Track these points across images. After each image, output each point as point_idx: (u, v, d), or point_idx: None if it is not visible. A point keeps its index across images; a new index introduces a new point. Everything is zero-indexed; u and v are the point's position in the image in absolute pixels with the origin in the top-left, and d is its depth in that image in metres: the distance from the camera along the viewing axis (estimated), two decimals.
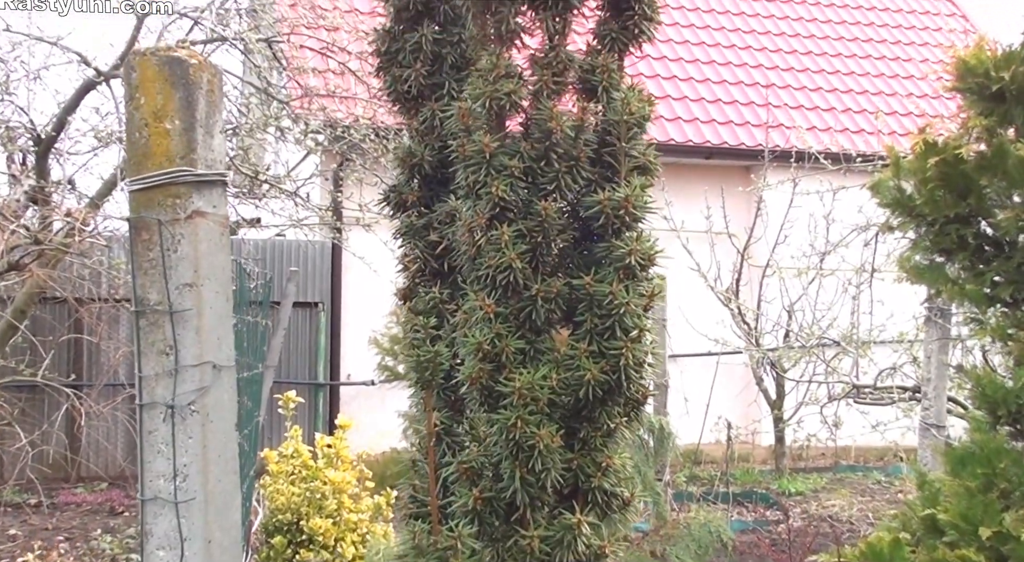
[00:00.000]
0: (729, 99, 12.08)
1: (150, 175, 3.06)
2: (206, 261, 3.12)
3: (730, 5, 13.34)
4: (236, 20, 8.59)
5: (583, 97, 3.26)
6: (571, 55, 3.24)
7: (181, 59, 3.04)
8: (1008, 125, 5.04)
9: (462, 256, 3.25)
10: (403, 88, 3.46)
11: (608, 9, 3.30)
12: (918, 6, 14.16)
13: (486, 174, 3.13)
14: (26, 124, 8.00)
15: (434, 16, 3.47)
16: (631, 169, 3.23)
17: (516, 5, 3.17)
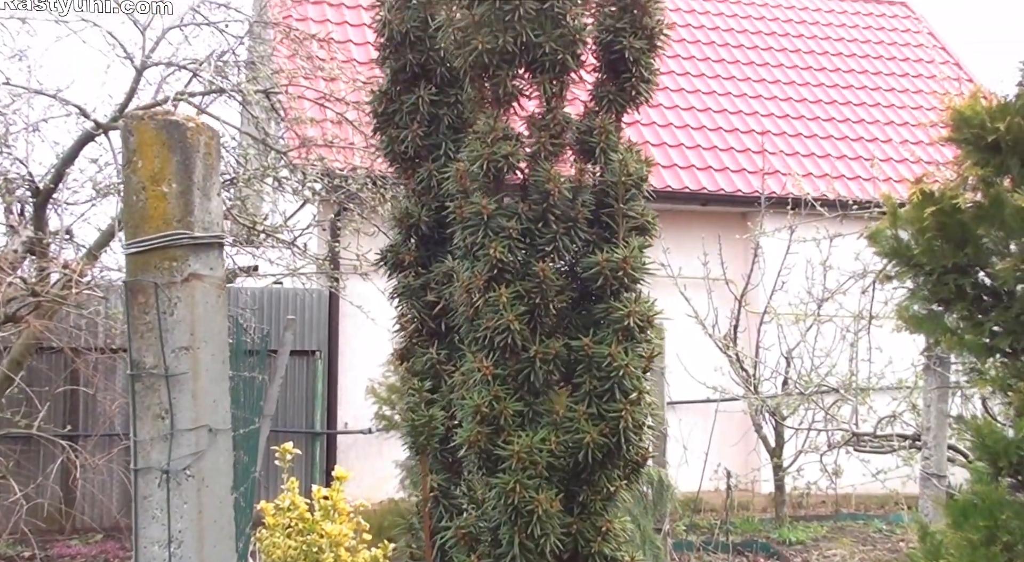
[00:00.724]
0: (725, 146, 12.13)
1: (147, 238, 3.05)
2: (202, 324, 3.11)
3: (725, 54, 13.44)
4: (234, 72, 8.62)
5: (581, 158, 3.27)
6: (568, 117, 3.26)
7: (179, 123, 3.05)
8: (1004, 175, 5.05)
9: (460, 317, 3.24)
10: (400, 148, 3.48)
11: (605, 72, 3.32)
12: (911, 54, 14.27)
13: (484, 235, 3.13)
14: (24, 175, 8.01)
15: (431, 77, 3.49)
16: (629, 229, 3.24)
17: (513, 69, 3.19)
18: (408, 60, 3.41)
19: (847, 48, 14.21)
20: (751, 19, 14.24)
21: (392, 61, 3.45)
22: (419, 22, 3.40)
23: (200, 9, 8.41)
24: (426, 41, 3.41)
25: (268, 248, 9.01)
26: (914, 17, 15.07)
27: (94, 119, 7.76)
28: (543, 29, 3.13)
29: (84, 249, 8.43)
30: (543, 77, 3.19)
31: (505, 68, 3.18)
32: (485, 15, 3.10)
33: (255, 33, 8.97)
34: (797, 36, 14.18)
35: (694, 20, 13.86)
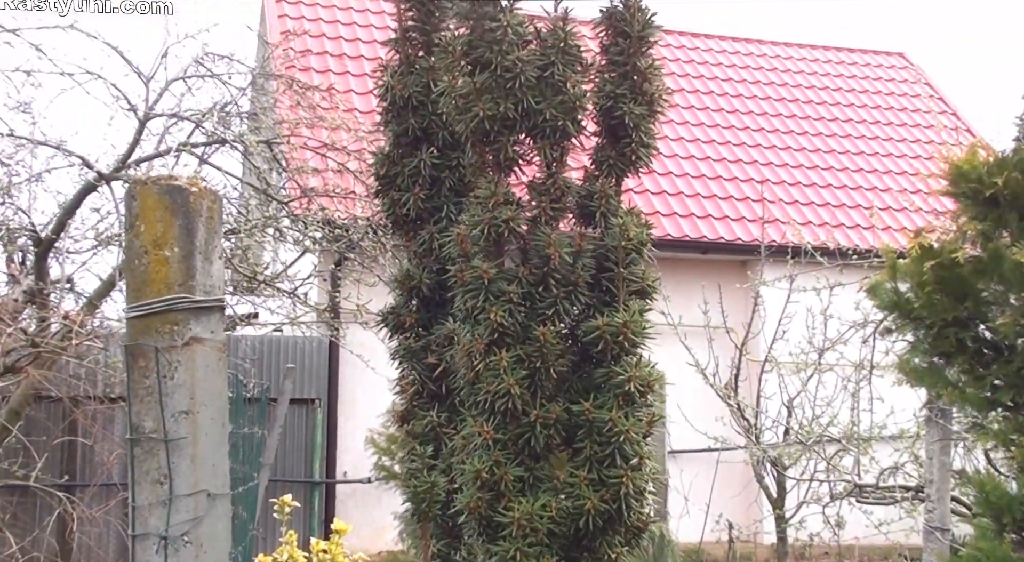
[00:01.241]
0: (725, 194, 12.18)
1: (148, 302, 3.06)
2: (203, 388, 3.10)
3: (724, 103, 13.54)
4: (237, 122, 8.67)
5: (581, 222, 3.29)
6: (569, 182, 3.28)
7: (182, 188, 3.07)
8: (1003, 229, 5.07)
9: (460, 380, 3.24)
10: (401, 211, 3.49)
11: (605, 136, 3.34)
12: (909, 104, 14.37)
13: (484, 299, 3.13)
14: (26, 225, 8.03)
15: (433, 141, 3.51)
16: (630, 293, 3.25)
17: (514, 134, 3.22)
18: (411, 124, 3.44)
19: (845, 98, 14.31)
20: (749, 69, 14.36)
21: (395, 125, 3.48)
22: (421, 87, 3.44)
23: (203, 61, 8.47)
24: (428, 106, 3.44)
25: (268, 297, 9.01)
26: (911, 67, 15.20)
27: (97, 170, 7.79)
28: (544, 96, 3.16)
29: (85, 298, 8.43)
30: (544, 143, 3.22)
31: (506, 134, 3.20)
32: (486, 82, 3.13)
33: (258, 84, 9.04)
34: (796, 86, 14.29)
35: (693, 70, 13.97)
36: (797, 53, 15.00)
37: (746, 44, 14.87)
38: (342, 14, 12.68)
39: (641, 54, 3.26)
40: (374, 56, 12.14)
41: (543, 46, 3.18)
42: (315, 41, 11.68)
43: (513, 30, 3.13)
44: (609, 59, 3.30)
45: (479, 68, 3.17)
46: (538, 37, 3.22)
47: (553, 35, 3.17)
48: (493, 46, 3.13)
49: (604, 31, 3.34)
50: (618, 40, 3.29)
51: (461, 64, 3.20)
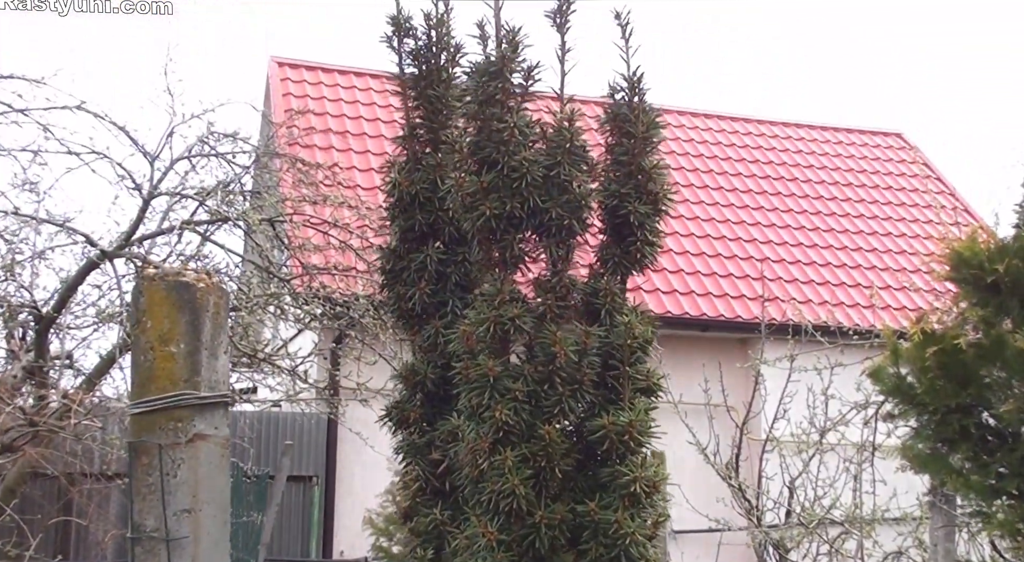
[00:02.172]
0: (724, 272, 12.22)
1: (153, 399, 3.05)
2: (205, 485, 3.08)
3: (723, 182, 13.66)
4: (240, 200, 8.73)
5: (587, 320, 3.30)
6: (574, 280, 3.29)
7: (189, 284, 3.08)
8: (1004, 316, 5.06)
9: (464, 478, 3.21)
10: (407, 306, 3.50)
11: (611, 234, 3.37)
12: (907, 184, 14.50)
13: (490, 397, 3.13)
14: (28, 302, 8.04)
15: (439, 236, 3.53)
16: (635, 391, 3.24)
17: (520, 233, 3.24)
18: (417, 220, 3.47)
19: (844, 177, 14.44)
20: (748, 148, 14.51)
21: (401, 220, 3.51)
22: (428, 184, 3.47)
23: (208, 139, 8.55)
24: (435, 202, 3.47)
25: (268, 375, 8.99)
26: (909, 147, 15.37)
27: (100, 248, 7.83)
28: (550, 195, 3.19)
29: (84, 374, 8.41)
30: (549, 241, 3.24)
31: (512, 232, 3.23)
32: (493, 182, 3.16)
33: (262, 163, 9.12)
34: (794, 165, 14.43)
35: (692, 148, 14.12)
36: (796, 132, 15.17)
37: (744, 124, 15.04)
38: (345, 92, 12.84)
39: (646, 154, 3.30)
40: (376, 133, 12.27)
41: (549, 146, 3.22)
42: (318, 118, 11.81)
43: (520, 131, 3.17)
44: (614, 158, 3.34)
45: (486, 167, 3.20)
46: (544, 137, 3.26)
47: (559, 135, 3.21)
48: (500, 146, 3.17)
49: (609, 131, 3.38)
50: (623, 140, 3.33)
51: (468, 163, 3.24)
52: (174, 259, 8.56)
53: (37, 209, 7.91)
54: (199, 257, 8.49)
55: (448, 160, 3.40)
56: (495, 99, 3.19)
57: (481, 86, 3.21)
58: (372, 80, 12.84)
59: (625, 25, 3.38)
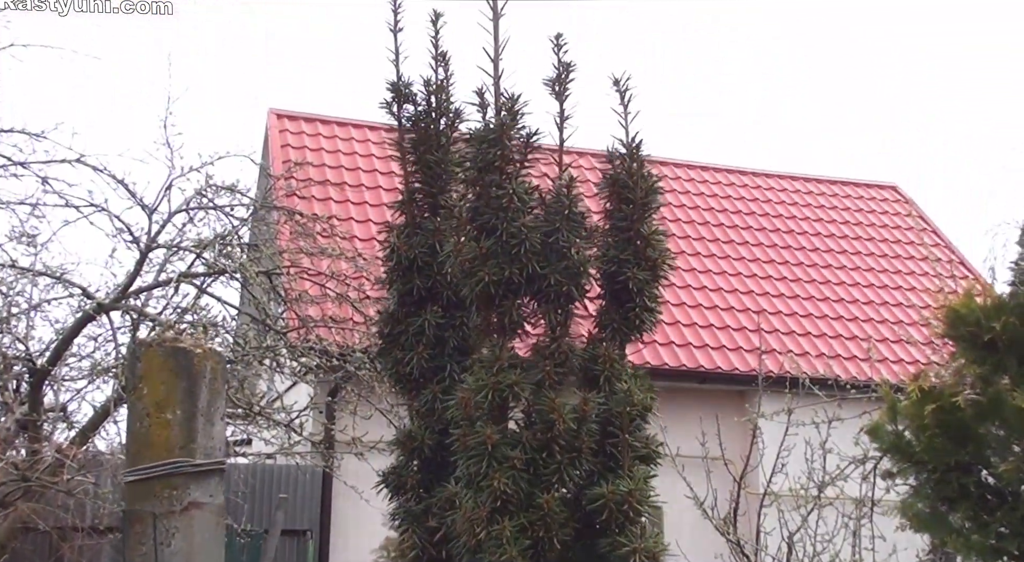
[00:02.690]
0: (722, 324, 12.21)
1: (148, 467, 3.02)
2: (200, 554, 3.05)
3: (719, 234, 13.70)
4: (237, 252, 8.73)
5: (585, 386, 3.28)
6: (573, 346, 3.28)
7: (186, 350, 3.06)
8: (1002, 374, 5.03)
9: (462, 547, 3.18)
10: (405, 370, 3.49)
11: (609, 300, 3.36)
12: (902, 236, 14.54)
13: (488, 465, 3.10)
14: (23, 354, 8.01)
15: (437, 300, 3.53)
16: (634, 458, 3.22)
17: (519, 298, 3.23)
18: (415, 284, 3.46)
19: (839, 230, 14.48)
20: (744, 200, 14.56)
21: (400, 284, 3.50)
22: (427, 248, 3.47)
23: (206, 192, 8.57)
24: (433, 266, 3.47)
25: (263, 428, 8.93)
26: (904, 200, 15.43)
27: (97, 301, 7.81)
28: (548, 261, 3.19)
29: (78, 427, 8.35)
30: (548, 307, 3.24)
31: (511, 298, 3.22)
32: (492, 248, 3.16)
33: (259, 215, 9.13)
34: (790, 217, 14.47)
35: (688, 201, 14.17)
36: (791, 185, 15.23)
37: (740, 175, 15.10)
38: (343, 144, 12.90)
39: (644, 219, 3.31)
40: (374, 185, 12.31)
41: (548, 212, 3.23)
42: (316, 170, 11.85)
43: (518, 197, 3.18)
44: (613, 224, 3.34)
45: (485, 233, 3.21)
46: (543, 203, 3.27)
47: (557, 202, 3.22)
48: (499, 212, 3.18)
49: (608, 196, 3.39)
50: (622, 206, 3.34)
51: (467, 228, 3.24)
52: (170, 311, 8.55)
53: (34, 261, 7.91)
54: (195, 310, 8.47)
55: (447, 225, 3.40)
56: (494, 166, 3.20)
57: (480, 153, 3.22)
58: (370, 132, 12.90)
59: (624, 91, 3.40)
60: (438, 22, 3.54)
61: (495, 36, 3.27)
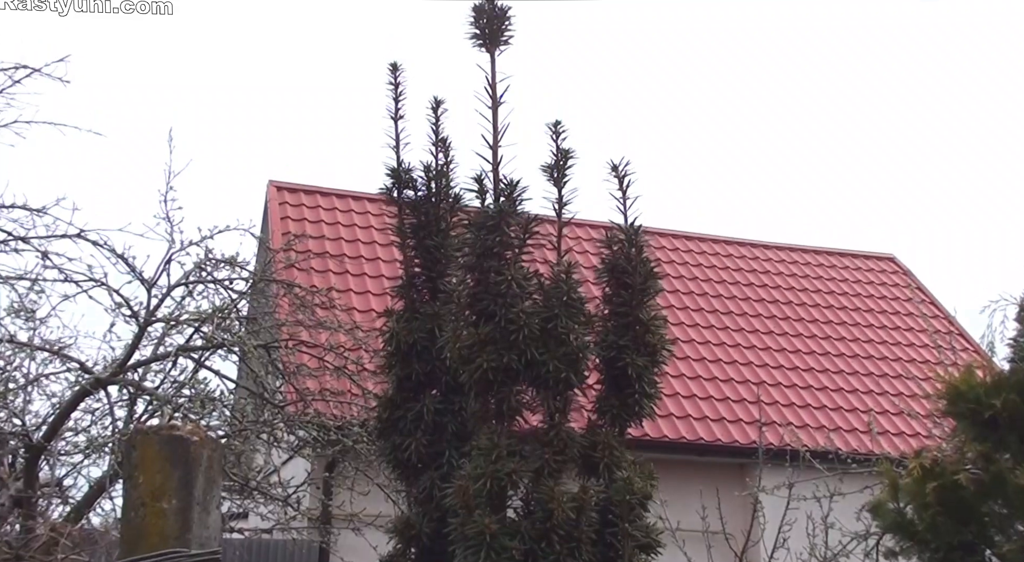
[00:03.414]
0: (721, 396, 12.16)
1: (142, 557, 2.98)
2: None
3: (718, 305, 13.71)
4: (236, 326, 8.72)
5: (584, 474, 3.26)
6: (572, 433, 3.26)
7: (182, 438, 3.04)
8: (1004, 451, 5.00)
9: None
10: (403, 456, 3.47)
11: (608, 385, 3.36)
12: (901, 308, 14.56)
13: (486, 556, 3.07)
14: (19, 429, 7.95)
15: (436, 384, 3.52)
16: (634, 548, 3.18)
17: (518, 384, 3.23)
18: (414, 369, 3.46)
19: (838, 301, 14.50)
20: (742, 271, 14.60)
21: (398, 369, 3.50)
22: (426, 333, 3.47)
23: (205, 265, 8.58)
24: (432, 351, 3.47)
25: (260, 504, 8.85)
26: (902, 271, 15.48)
27: (95, 375, 7.78)
28: (547, 347, 3.19)
29: (73, 503, 8.27)
30: (546, 393, 3.23)
31: (509, 385, 3.21)
32: (490, 334, 3.17)
33: (258, 288, 9.13)
34: (788, 288, 14.50)
35: (687, 272, 14.21)
36: (789, 256, 15.28)
37: (738, 247, 15.17)
38: (342, 215, 12.97)
39: (643, 305, 3.31)
40: (373, 256, 12.35)
41: (546, 298, 3.24)
42: (315, 242, 11.90)
43: (517, 283, 3.19)
44: (612, 310, 3.35)
45: (484, 319, 3.21)
46: (541, 289, 3.27)
47: (556, 288, 3.23)
48: (497, 298, 3.19)
49: (607, 281, 3.40)
50: (620, 292, 3.34)
51: (466, 314, 3.24)
52: (168, 385, 8.51)
53: (32, 336, 7.89)
54: (193, 384, 8.44)
55: (446, 310, 3.41)
56: (493, 252, 3.22)
57: (479, 239, 3.24)
58: (369, 204, 12.97)
59: (622, 177, 3.43)
60: (438, 109, 3.58)
61: (494, 124, 3.31)
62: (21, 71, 7.59)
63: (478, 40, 3.34)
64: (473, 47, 3.34)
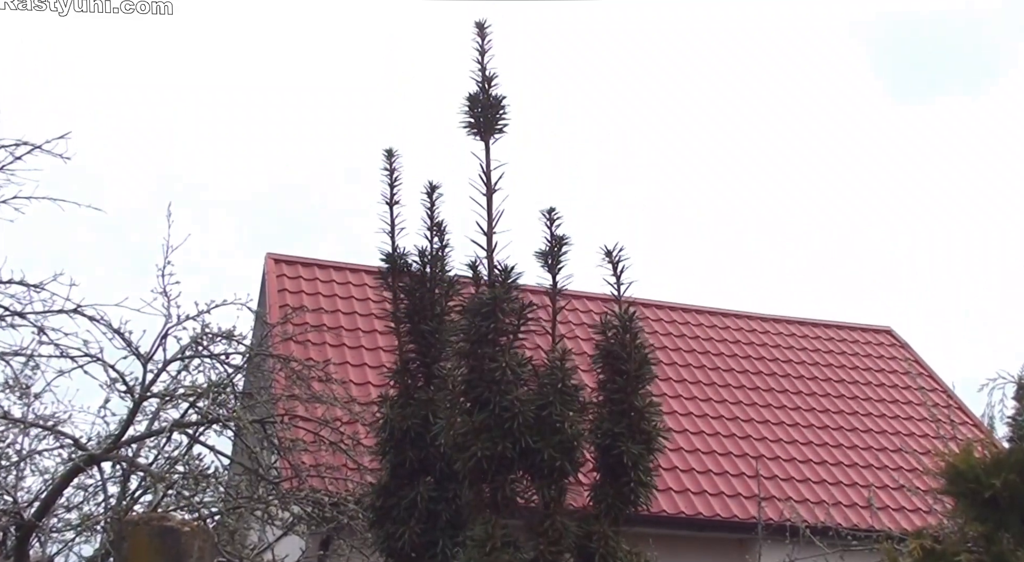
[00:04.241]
0: (720, 470, 12.07)
1: None
2: None
3: (716, 378, 13.67)
4: (231, 400, 8.69)
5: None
6: (567, 523, 3.24)
7: (173, 529, 3.01)
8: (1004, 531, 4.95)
9: None
10: (396, 545, 3.43)
11: (604, 473, 3.34)
12: (899, 381, 14.52)
13: None
14: (10, 507, 7.87)
15: (430, 471, 3.49)
16: None
17: (512, 473, 3.21)
18: (408, 456, 3.44)
19: (835, 374, 14.46)
20: (739, 344, 14.58)
21: (392, 456, 3.48)
22: (420, 419, 3.46)
23: (202, 339, 8.58)
24: (427, 437, 3.45)
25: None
26: (899, 344, 15.47)
27: (88, 452, 7.73)
28: (541, 435, 3.18)
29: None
30: (541, 482, 3.20)
31: (504, 473, 3.19)
32: (485, 421, 3.15)
33: (254, 363, 9.11)
34: (786, 361, 14.47)
35: (684, 344, 14.19)
36: (786, 328, 15.28)
37: (735, 319, 15.18)
38: (339, 288, 13.00)
39: (638, 392, 3.30)
40: (370, 329, 12.34)
41: (541, 385, 3.23)
42: (312, 315, 11.91)
43: (511, 370, 3.19)
44: (607, 396, 3.34)
45: (478, 406, 3.20)
46: (536, 375, 3.27)
47: (551, 375, 3.22)
48: (492, 385, 3.18)
49: (601, 367, 3.40)
50: (615, 378, 3.34)
51: (460, 401, 3.23)
52: (162, 461, 8.45)
53: (26, 412, 7.85)
54: (187, 460, 8.39)
55: (440, 396, 3.40)
56: (487, 339, 3.22)
57: (474, 326, 3.24)
58: (366, 276, 13.00)
59: (616, 262, 3.44)
60: (433, 194, 3.61)
61: (488, 210, 3.34)
62: (23, 148, 7.69)
63: (472, 129, 3.38)
64: (468, 136, 3.38)
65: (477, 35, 3.39)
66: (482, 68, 3.41)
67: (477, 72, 3.41)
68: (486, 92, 3.38)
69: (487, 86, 3.39)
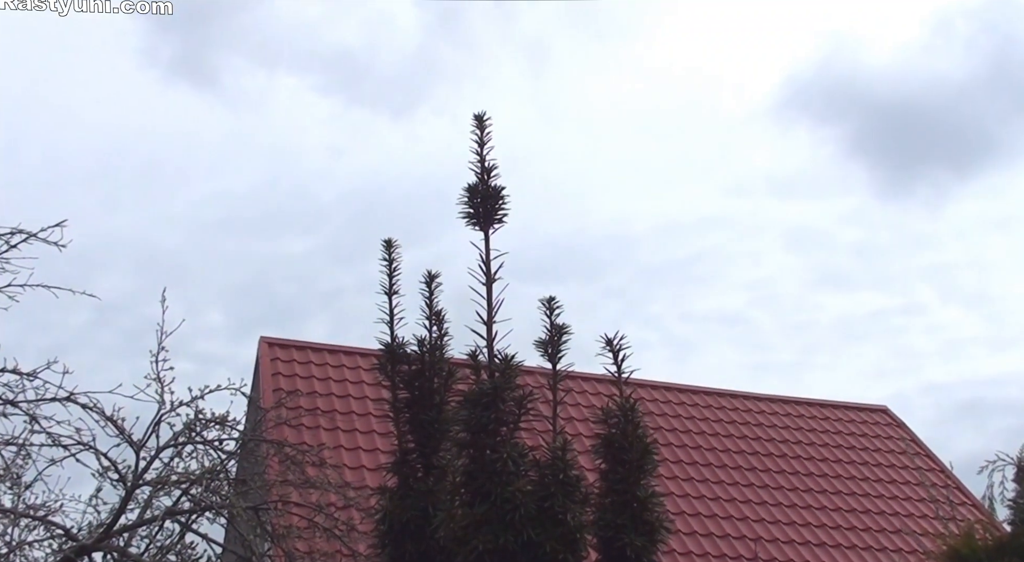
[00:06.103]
0: (718, 553, 11.91)
1: None
2: None
3: (712, 458, 13.57)
4: (224, 487, 8.59)
5: None
6: None
7: None
8: None
9: None
10: None
11: None
12: (896, 460, 14.44)
13: None
14: None
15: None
16: None
17: None
18: (407, 550, 3.40)
19: (832, 454, 14.38)
20: (736, 424, 14.52)
21: (391, 549, 3.44)
22: (419, 511, 3.42)
23: (195, 426, 8.52)
24: (426, 530, 3.41)
25: None
26: (895, 424, 15.42)
27: (79, 542, 7.62)
28: (544, 527, 3.14)
29: None
30: None
31: None
32: (486, 514, 3.12)
33: (248, 448, 9.03)
34: (783, 441, 14.40)
35: (680, 425, 14.12)
36: (782, 408, 15.22)
37: (731, 399, 15.13)
38: (333, 371, 12.93)
39: (640, 483, 3.28)
40: (364, 412, 12.26)
41: (542, 476, 3.21)
42: (306, 398, 11.84)
43: (512, 461, 3.16)
44: (609, 486, 3.31)
45: (479, 498, 3.17)
46: (537, 466, 3.25)
47: (552, 466, 3.20)
48: (493, 476, 3.15)
49: (603, 457, 3.37)
50: (617, 468, 3.32)
51: (460, 492, 3.20)
52: (154, 550, 8.33)
53: (17, 502, 7.73)
54: (179, 549, 8.26)
55: (440, 487, 3.37)
56: (488, 429, 3.20)
57: (474, 416, 3.22)
58: (361, 359, 12.96)
59: (617, 351, 3.44)
60: (432, 283, 3.62)
61: (488, 300, 3.34)
62: (17, 236, 7.72)
63: (472, 219, 3.40)
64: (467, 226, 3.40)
65: (476, 127, 3.43)
66: (481, 159, 3.45)
67: (476, 163, 3.44)
68: (485, 183, 3.41)
69: (486, 177, 3.42)
